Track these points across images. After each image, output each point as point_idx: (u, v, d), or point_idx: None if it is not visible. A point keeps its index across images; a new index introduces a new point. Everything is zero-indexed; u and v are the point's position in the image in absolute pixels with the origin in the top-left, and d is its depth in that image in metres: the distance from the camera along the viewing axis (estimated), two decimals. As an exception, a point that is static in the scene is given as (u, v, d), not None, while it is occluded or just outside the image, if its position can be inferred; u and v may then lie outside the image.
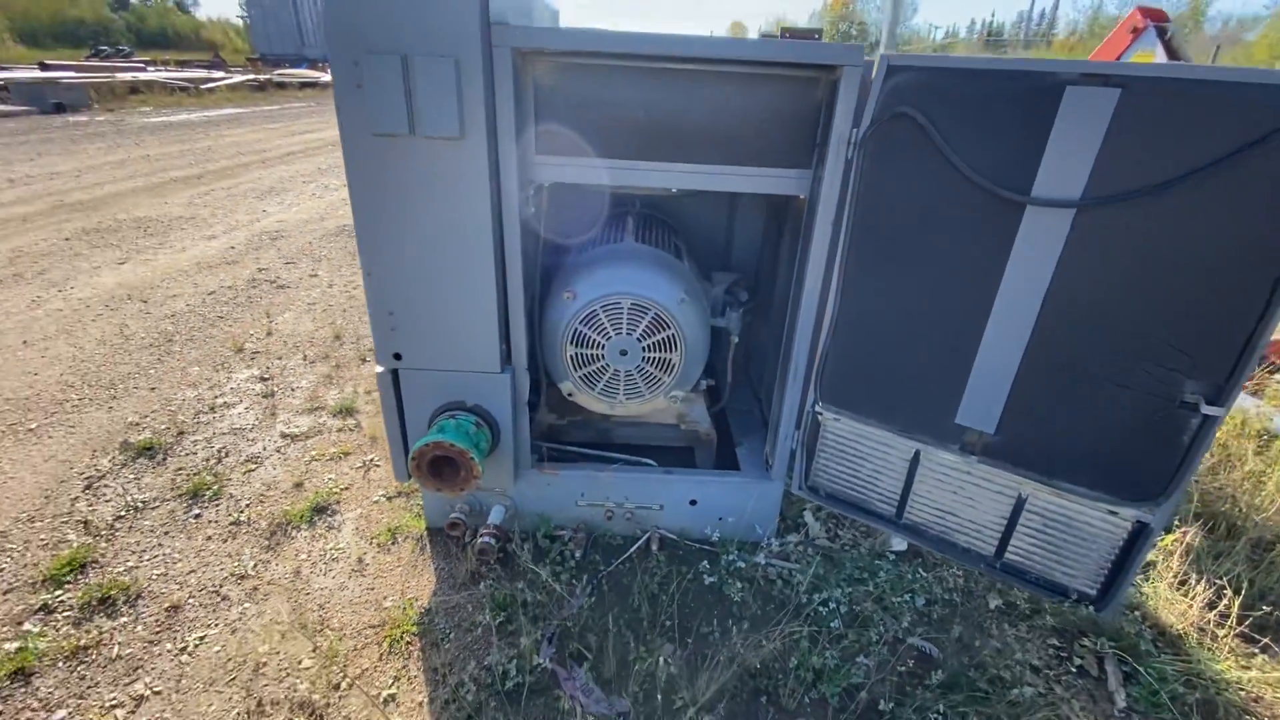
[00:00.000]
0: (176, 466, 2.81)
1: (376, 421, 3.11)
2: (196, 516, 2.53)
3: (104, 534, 2.41)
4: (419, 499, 2.57)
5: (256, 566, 2.29)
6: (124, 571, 2.24)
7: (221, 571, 2.26)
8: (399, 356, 2.10)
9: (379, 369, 2.11)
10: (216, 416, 3.21)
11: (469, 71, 1.72)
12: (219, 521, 2.50)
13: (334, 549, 2.39)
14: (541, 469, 2.39)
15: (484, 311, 2.02)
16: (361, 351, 3.96)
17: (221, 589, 2.19)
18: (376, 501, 2.65)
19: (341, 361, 3.85)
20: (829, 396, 2.19)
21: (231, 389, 3.48)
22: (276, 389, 3.50)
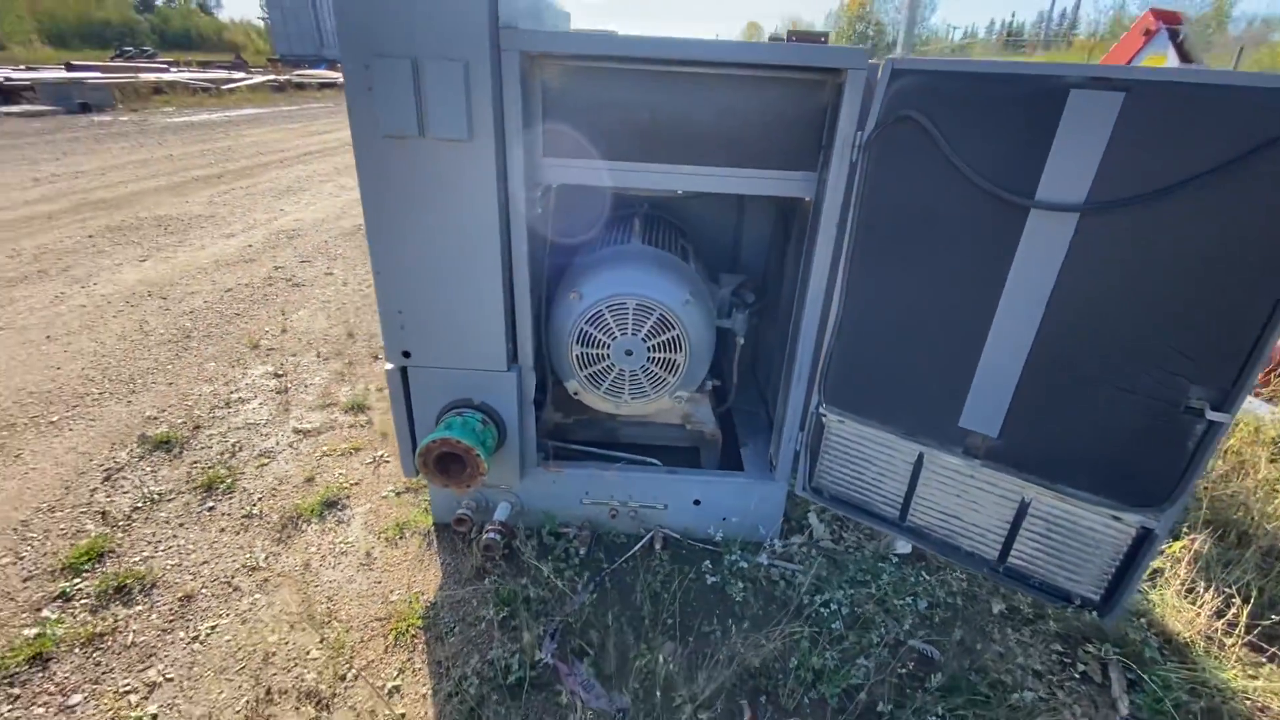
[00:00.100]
0: (192, 460, 2.87)
1: (387, 418, 3.15)
2: (210, 509, 2.58)
3: (121, 525, 2.47)
4: (427, 495, 2.60)
5: (267, 559, 2.34)
6: (140, 561, 2.30)
7: (233, 563, 2.32)
8: (408, 354, 2.13)
9: (388, 366, 2.15)
10: (231, 411, 3.27)
11: (477, 75, 1.75)
12: (232, 514, 2.56)
13: (343, 543, 2.44)
14: (547, 467, 2.41)
15: (491, 311, 2.05)
16: (374, 349, 4.02)
17: (233, 580, 2.24)
18: (385, 497, 2.69)
19: (354, 359, 3.91)
20: (833, 398, 2.19)
21: (246, 385, 3.55)
22: (290, 385, 3.56)
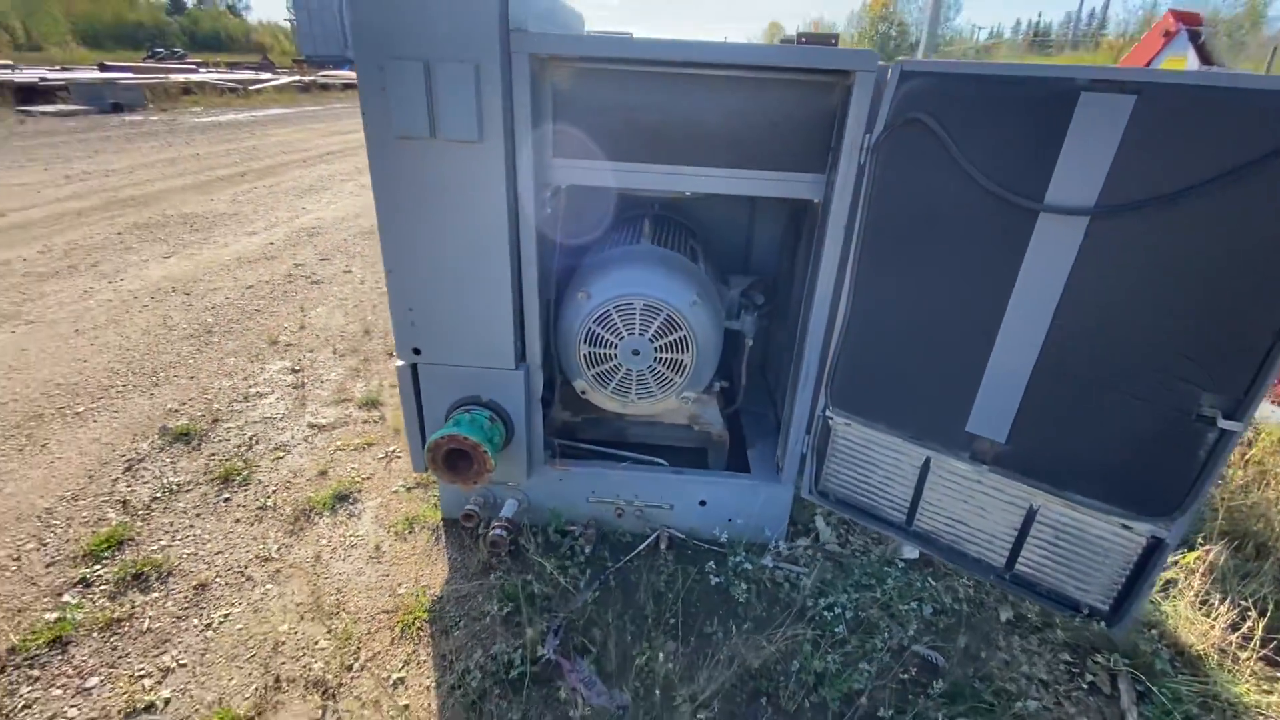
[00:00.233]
0: (210, 452, 2.94)
1: (399, 414, 3.18)
2: (226, 500, 2.64)
3: (141, 514, 2.54)
4: (436, 490, 2.64)
5: (280, 550, 2.39)
6: (157, 550, 2.36)
7: (247, 553, 2.37)
8: (418, 351, 2.17)
9: (399, 363, 2.19)
10: (249, 405, 3.34)
11: (488, 77, 1.77)
12: (247, 506, 2.62)
13: (354, 536, 2.48)
14: (554, 465, 2.44)
15: (499, 309, 2.07)
16: (389, 346, 4.08)
17: (246, 570, 2.30)
18: (396, 492, 2.73)
19: (369, 355, 3.97)
20: (840, 401, 2.18)
21: (264, 379, 3.62)
22: (306, 380, 3.62)
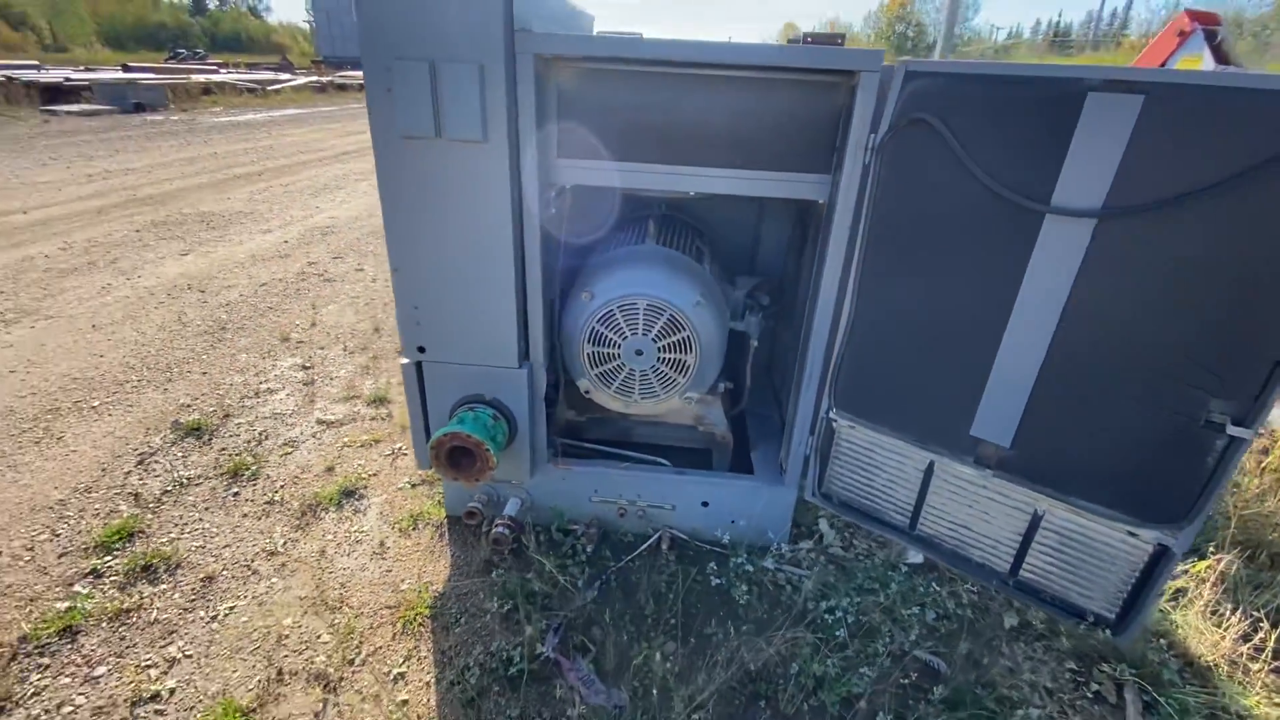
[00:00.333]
0: (220, 447, 2.98)
1: (407, 411, 3.22)
2: (235, 494, 2.68)
3: (151, 506, 2.58)
4: (441, 487, 2.66)
5: (286, 544, 2.42)
6: (167, 542, 2.39)
7: (254, 547, 2.40)
8: (423, 349, 2.18)
9: (404, 361, 2.20)
10: (260, 401, 3.39)
11: (492, 77, 1.78)
12: (255, 500, 2.65)
13: (358, 531, 2.50)
14: (557, 464, 2.44)
15: (503, 309, 2.08)
16: (398, 344, 4.07)
17: (253, 563, 2.32)
18: (401, 488, 2.75)
19: (379, 353, 4.00)
20: (843, 403, 2.17)
21: (275, 376, 3.66)
22: (316, 377, 3.66)
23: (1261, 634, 2.05)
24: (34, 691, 1.83)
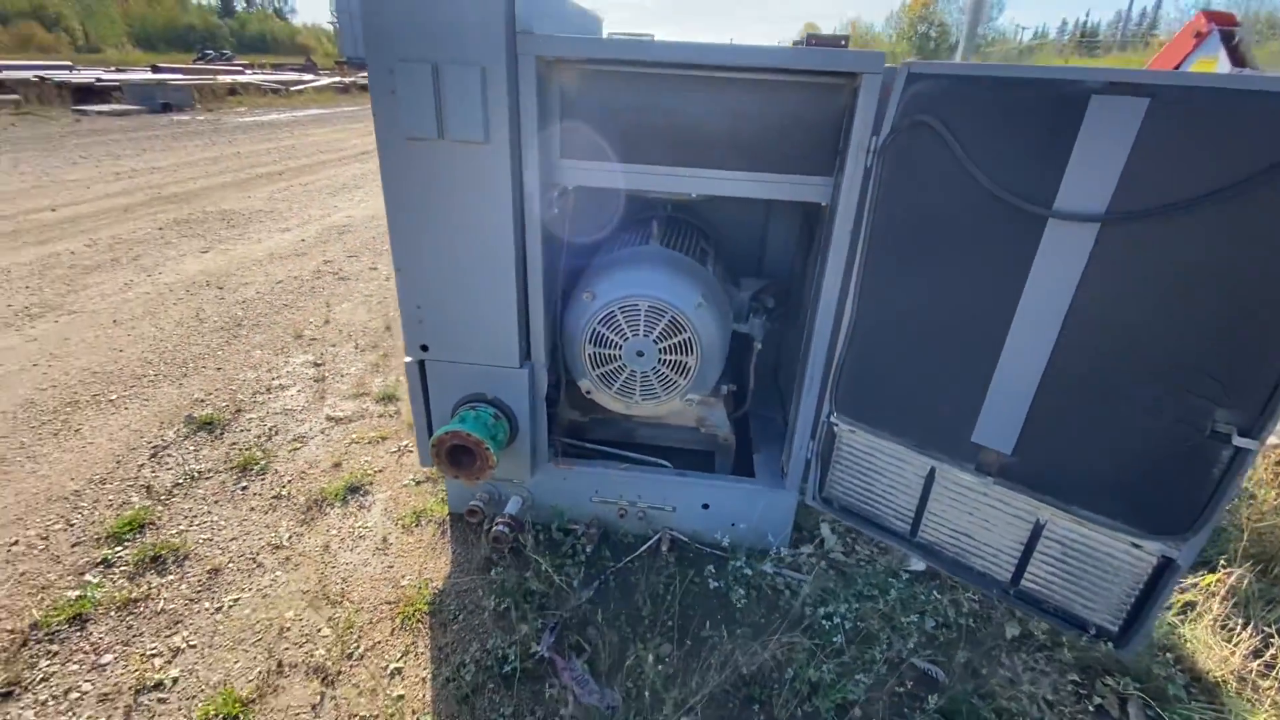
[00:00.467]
0: (231, 441, 3.04)
1: (414, 410, 3.26)
2: (244, 488, 2.73)
3: (163, 499, 2.63)
4: (444, 485, 2.68)
5: (291, 538, 2.46)
6: (176, 534, 2.44)
7: (260, 540, 2.44)
8: (425, 348, 2.21)
9: (407, 359, 2.23)
10: (271, 397, 3.44)
11: (494, 79, 1.79)
12: (263, 494, 2.70)
13: (362, 527, 2.53)
14: (558, 463, 2.45)
15: (504, 309, 2.09)
16: (408, 342, 4.15)
17: (258, 556, 2.36)
18: (406, 485, 2.78)
19: (389, 351, 4.05)
20: (844, 407, 2.15)
21: (287, 372, 3.72)
22: (327, 374, 3.72)
23: (1273, 650, 2.00)
24: (42, 677, 1.88)
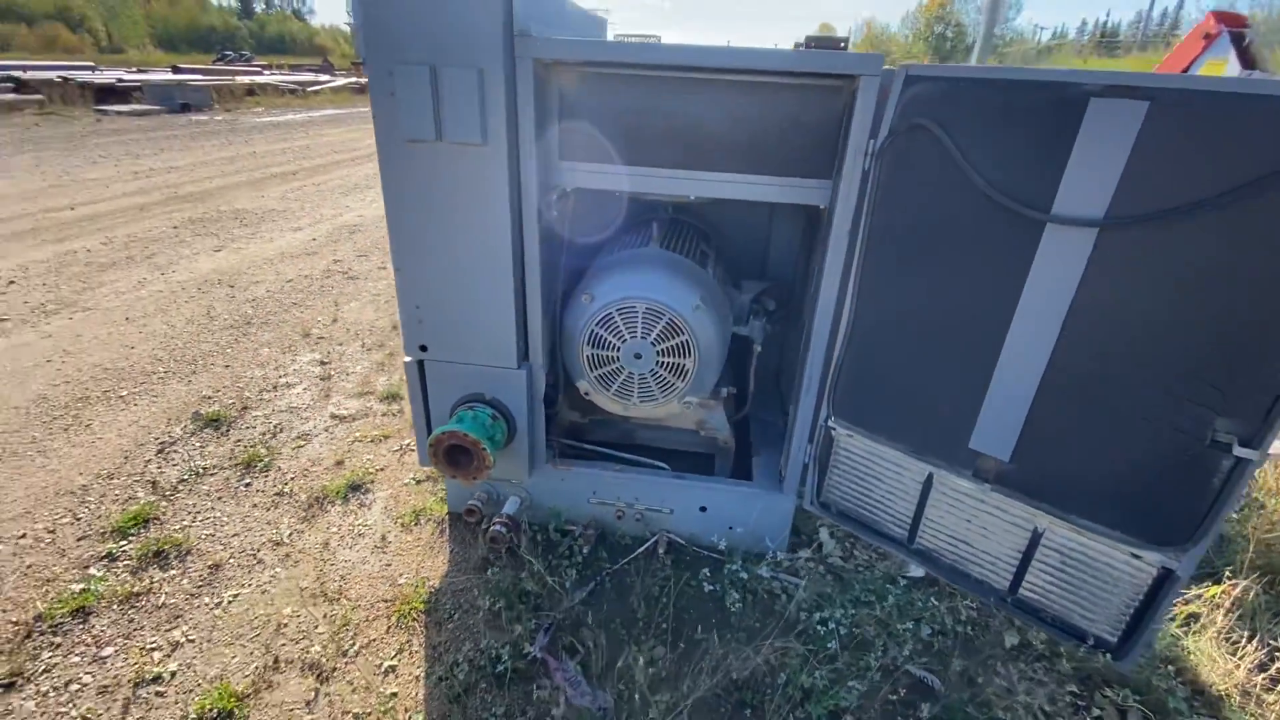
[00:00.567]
0: (236, 438, 3.08)
1: (417, 409, 3.28)
2: (247, 485, 2.76)
3: (168, 494, 2.67)
4: (444, 484, 2.69)
5: (291, 535, 2.48)
6: (179, 529, 2.48)
7: (261, 537, 2.47)
8: (424, 348, 2.22)
9: (406, 359, 2.24)
10: (277, 395, 3.48)
11: (491, 81, 1.80)
12: (265, 491, 2.73)
13: (362, 525, 2.55)
14: (556, 464, 2.46)
15: (502, 310, 2.10)
16: (414, 342, 4.18)
17: (258, 553, 2.39)
18: (406, 484, 2.80)
19: (395, 350, 4.08)
20: (842, 411, 2.14)
21: (294, 370, 3.76)
22: (333, 372, 3.75)
23: (1279, 664, 1.95)
24: (45, 668, 1.91)
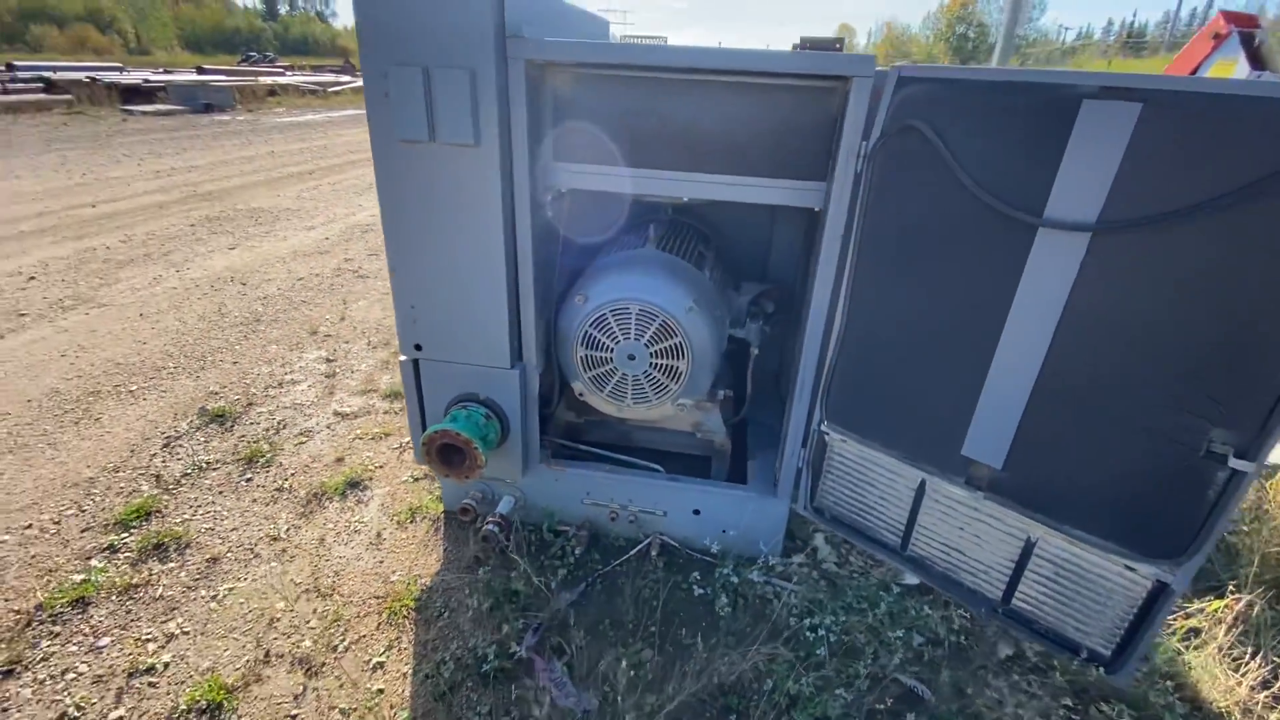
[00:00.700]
0: (240, 434, 3.12)
1: (418, 407, 3.30)
2: (248, 480, 2.80)
3: (170, 488, 2.72)
4: (440, 483, 2.71)
5: (289, 530, 2.51)
6: (180, 523, 2.52)
7: (259, 531, 2.50)
8: (419, 347, 2.23)
9: (402, 358, 2.26)
10: (282, 391, 3.53)
11: (484, 82, 1.81)
12: (266, 486, 2.76)
13: (358, 521, 2.58)
14: (549, 465, 2.46)
15: (495, 310, 2.11)
16: (420, 340, 4.21)
17: (256, 547, 2.42)
18: (404, 482, 2.82)
19: (400, 349, 4.11)
20: (835, 416, 2.12)
21: (300, 367, 3.81)
22: (338, 370, 3.79)
23: (1284, 682, 1.90)
24: (42, 657, 1.95)
